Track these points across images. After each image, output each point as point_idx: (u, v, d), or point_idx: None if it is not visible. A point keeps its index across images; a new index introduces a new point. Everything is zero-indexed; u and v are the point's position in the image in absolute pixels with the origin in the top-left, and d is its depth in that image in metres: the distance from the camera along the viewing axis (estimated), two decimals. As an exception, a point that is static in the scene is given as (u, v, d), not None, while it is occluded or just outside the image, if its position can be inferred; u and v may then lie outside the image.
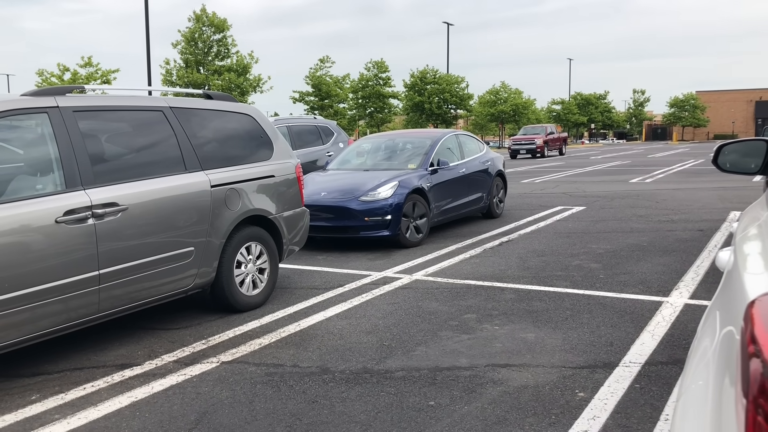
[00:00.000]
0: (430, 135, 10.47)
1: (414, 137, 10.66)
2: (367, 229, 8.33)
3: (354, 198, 8.40)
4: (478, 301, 5.80)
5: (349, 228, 8.38)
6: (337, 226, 8.42)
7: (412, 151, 9.95)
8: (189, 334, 5.12)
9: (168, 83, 36.83)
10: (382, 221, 8.30)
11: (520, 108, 62.35)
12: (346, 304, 5.78)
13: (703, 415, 1.20)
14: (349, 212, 8.31)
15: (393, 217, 8.33)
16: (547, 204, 12.87)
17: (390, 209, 8.32)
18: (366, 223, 8.30)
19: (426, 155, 9.57)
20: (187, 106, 5.49)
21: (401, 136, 11.12)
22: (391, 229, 8.35)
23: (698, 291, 5.89)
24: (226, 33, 37.64)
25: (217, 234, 5.34)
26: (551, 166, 26.81)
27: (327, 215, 8.43)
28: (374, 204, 8.32)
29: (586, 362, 4.24)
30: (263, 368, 4.31)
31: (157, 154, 5.08)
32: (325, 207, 8.42)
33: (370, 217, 8.29)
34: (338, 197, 8.48)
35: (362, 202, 8.33)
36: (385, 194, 8.42)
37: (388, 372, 4.16)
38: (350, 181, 8.98)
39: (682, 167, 24.18)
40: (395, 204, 8.37)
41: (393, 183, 8.59)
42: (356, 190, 8.53)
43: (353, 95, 50.25)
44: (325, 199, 8.49)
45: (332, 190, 8.72)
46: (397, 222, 8.38)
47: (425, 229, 8.88)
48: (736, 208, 11.24)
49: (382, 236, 8.35)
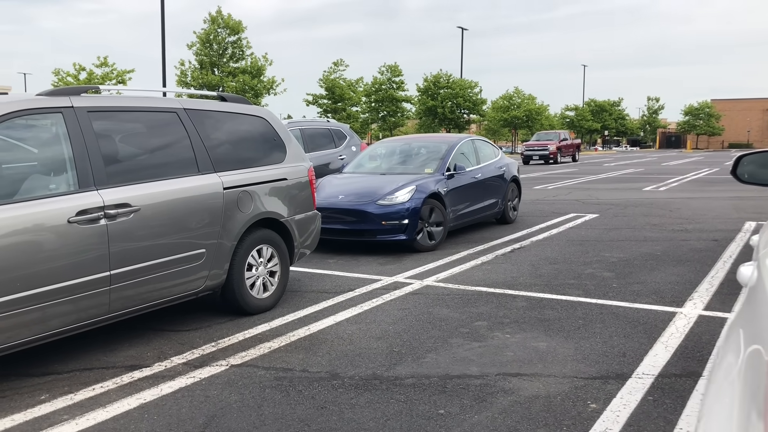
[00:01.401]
0: (447, 140, 10.50)
1: (430, 142, 10.71)
2: (384, 233, 8.34)
3: (371, 201, 8.41)
4: (490, 308, 5.76)
5: (365, 231, 8.39)
6: (354, 230, 8.44)
7: (429, 155, 9.99)
8: (198, 336, 5.11)
9: (183, 84, 37.01)
10: (399, 225, 8.31)
11: (534, 114, 62.19)
12: (356, 309, 5.75)
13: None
14: (367, 216, 8.33)
15: (410, 221, 8.34)
16: (560, 211, 12.79)
17: (407, 213, 8.34)
18: (383, 227, 8.31)
19: (443, 160, 9.60)
20: (201, 107, 5.49)
21: (417, 140, 11.16)
22: (408, 234, 8.36)
23: (713, 302, 5.81)
24: (241, 35, 37.78)
25: (228, 236, 5.34)
26: (564, 173, 26.69)
27: (344, 218, 8.46)
28: (391, 208, 8.34)
29: (599, 373, 4.19)
30: (272, 372, 4.28)
31: (170, 155, 5.08)
32: (342, 210, 8.45)
33: (387, 221, 8.30)
34: (355, 201, 8.50)
35: (380, 206, 8.35)
36: (402, 198, 8.43)
37: (398, 379, 4.13)
38: (367, 184, 8.99)
39: (697, 176, 24.00)
40: (412, 208, 8.38)
41: (410, 187, 8.60)
42: (374, 194, 8.54)
43: (366, 99, 50.27)
44: (342, 203, 8.52)
45: (349, 193, 8.73)
46: (414, 226, 8.40)
47: (442, 234, 8.89)
48: (752, 219, 11.13)
49: (399, 240, 8.36)
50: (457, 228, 9.63)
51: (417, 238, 8.51)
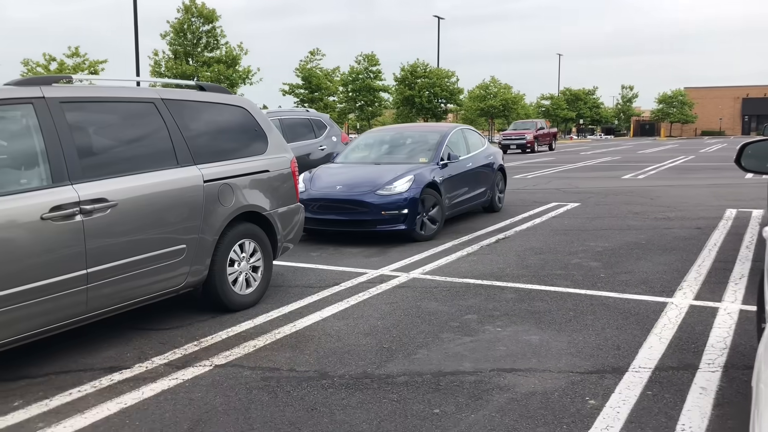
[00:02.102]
0: (438, 129, 10.51)
1: (421, 131, 10.73)
2: (384, 223, 8.29)
3: (371, 191, 8.36)
4: (479, 300, 5.65)
5: (365, 222, 8.34)
6: (353, 220, 8.40)
7: (421, 145, 9.98)
8: (180, 334, 4.93)
9: (156, 74, 36.37)
10: (399, 215, 8.28)
11: (510, 103, 62.26)
12: (342, 304, 5.61)
13: None
14: (367, 206, 8.28)
15: (409, 210, 8.32)
16: (541, 200, 12.74)
17: (406, 203, 8.32)
18: (383, 217, 8.26)
19: (436, 149, 9.60)
20: (180, 97, 5.28)
21: (408, 129, 11.17)
22: (408, 223, 8.33)
23: (702, 292, 5.76)
24: (216, 24, 37.19)
25: (209, 231, 5.15)
26: (542, 162, 26.73)
27: (342, 209, 8.42)
28: (391, 198, 8.31)
29: (594, 367, 4.10)
30: (259, 372, 4.13)
31: (148, 147, 4.88)
32: (340, 200, 8.41)
33: (387, 211, 8.25)
34: (354, 191, 8.45)
35: (379, 196, 8.31)
36: (401, 188, 8.40)
37: (390, 377, 4.00)
38: (364, 174, 8.95)
39: (674, 163, 24.16)
40: (411, 198, 8.37)
41: (409, 177, 8.58)
42: (372, 184, 8.49)
43: (343, 88, 49.88)
44: (340, 193, 8.47)
45: (347, 183, 8.67)
46: (414, 216, 8.39)
47: (439, 222, 8.91)
48: (732, 206, 11.16)
49: (398, 230, 8.33)
50: (450, 217, 9.60)
51: (420, 229, 8.50)
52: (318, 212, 8.53)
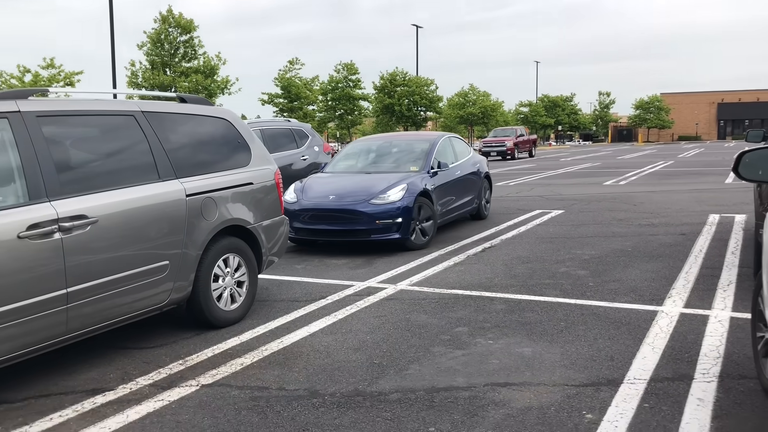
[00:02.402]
0: (426, 137, 10.53)
1: (410, 140, 10.77)
2: (378, 233, 8.28)
3: (364, 201, 8.36)
4: (468, 312, 5.57)
5: (359, 231, 8.33)
6: (347, 230, 8.37)
7: (411, 153, 10.01)
8: (164, 353, 4.79)
9: (133, 85, 36.02)
10: (393, 224, 8.29)
11: (489, 110, 62.52)
12: (330, 318, 5.50)
13: None
14: (361, 215, 8.26)
15: (403, 219, 8.34)
16: (525, 207, 12.72)
17: (400, 212, 8.33)
18: (377, 226, 8.25)
19: (426, 158, 9.62)
20: (160, 110, 5.16)
21: (396, 138, 11.20)
22: (402, 232, 8.34)
23: (692, 299, 5.73)
24: (193, 34, 36.92)
25: (193, 246, 5.03)
26: (523, 169, 26.81)
27: (336, 219, 8.39)
28: (385, 207, 8.30)
29: (589, 379, 4.03)
30: (247, 392, 4.01)
31: (128, 161, 4.75)
32: (334, 210, 8.39)
33: (381, 220, 8.25)
34: (348, 200, 8.42)
35: (373, 205, 8.31)
36: (394, 197, 8.41)
37: (382, 394, 3.90)
38: (357, 184, 8.93)
39: (653, 169, 24.33)
40: (405, 206, 8.38)
41: (402, 185, 8.59)
42: (365, 193, 8.48)
43: (323, 97, 49.78)
44: (333, 203, 8.44)
45: (339, 193, 8.63)
46: (408, 224, 8.39)
47: (432, 231, 8.92)
48: (715, 211, 11.21)
49: (393, 239, 8.33)
50: (441, 225, 9.58)
51: (410, 237, 8.48)
52: (310, 222, 8.49)
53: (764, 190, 5.83)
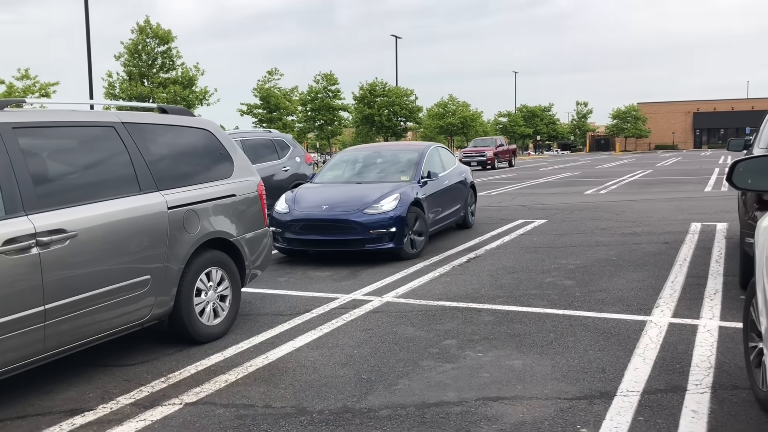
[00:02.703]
0: (415, 147, 10.59)
1: (398, 149, 10.83)
2: (372, 242, 8.28)
3: (358, 211, 8.35)
4: (456, 324, 5.49)
5: (353, 241, 8.32)
6: (341, 240, 8.35)
7: (401, 163, 10.06)
8: (146, 370, 4.66)
9: (111, 96, 35.63)
10: (387, 233, 8.29)
11: (468, 120, 62.84)
12: (315, 332, 5.39)
13: None
14: (355, 225, 8.25)
15: (397, 229, 8.34)
16: (508, 217, 12.71)
17: (394, 221, 8.34)
18: (371, 236, 8.25)
19: (416, 168, 9.67)
20: (141, 121, 5.05)
21: (385, 148, 11.29)
22: (396, 242, 8.35)
23: (679, 309, 5.71)
24: (171, 45, 36.64)
25: (175, 260, 4.91)
26: (504, 178, 26.89)
27: (328, 229, 8.37)
28: (379, 216, 8.31)
29: (582, 392, 3.97)
30: (232, 410, 3.89)
31: (108, 173, 4.63)
32: (327, 220, 8.37)
33: (375, 230, 8.25)
34: (341, 211, 8.41)
35: (366, 215, 8.31)
36: (388, 206, 8.42)
37: (372, 410, 3.80)
38: (349, 194, 8.92)
39: (633, 178, 24.51)
40: (399, 216, 8.40)
41: (395, 195, 8.61)
42: (359, 203, 8.48)
43: (302, 108, 49.64)
44: (327, 213, 8.42)
45: (332, 203, 8.62)
46: (401, 234, 8.41)
47: (424, 240, 8.96)
48: (696, 219, 11.27)
49: (387, 249, 8.33)
50: (430, 234, 9.57)
51: (404, 247, 8.48)
52: (302, 233, 8.48)
53: (749, 198, 5.84)
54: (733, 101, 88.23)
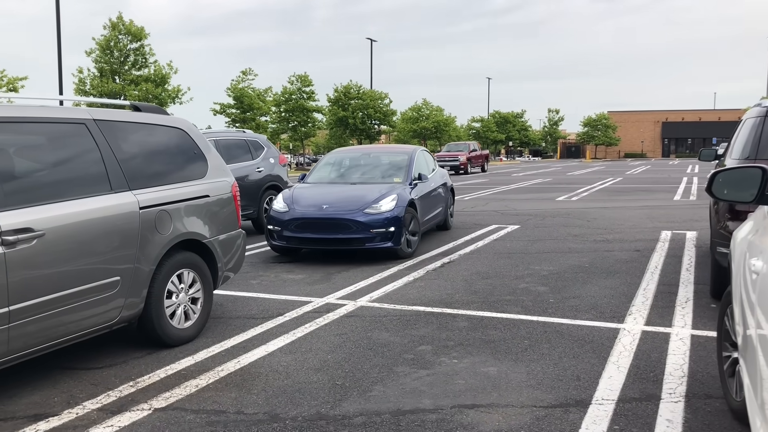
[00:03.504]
0: (402, 150, 10.95)
1: (388, 152, 11.32)
2: (372, 241, 8.50)
3: (359, 210, 8.58)
4: (431, 330, 5.46)
5: (354, 240, 8.52)
6: (342, 239, 8.53)
7: (392, 165, 10.36)
8: (114, 374, 4.54)
9: (81, 92, 35.06)
10: (386, 233, 8.54)
11: (442, 125, 63.03)
12: (288, 336, 5.32)
13: None
14: (357, 224, 8.47)
15: (395, 228, 8.60)
16: (481, 222, 12.74)
17: (393, 221, 8.60)
18: (371, 235, 8.48)
19: (408, 170, 9.97)
20: (113, 118, 4.93)
21: (374, 150, 11.56)
22: (394, 241, 8.60)
23: (652, 317, 5.74)
24: (144, 42, 36.19)
25: (146, 261, 4.79)
26: (476, 183, 27.00)
27: (329, 228, 8.54)
28: (378, 216, 8.55)
29: (557, 400, 3.95)
30: (203, 416, 3.80)
31: (78, 171, 4.50)
32: (329, 219, 8.55)
33: (375, 229, 8.49)
34: (343, 210, 8.60)
35: (367, 215, 8.54)
36: (387, 207, 8.68)
37: (346, 417, 3.74)
38: (347, 194, 9.13)
39: (603, 185, 24.79)
40: (397, 216, 8.66)
41: (392, 196, 8.87)
42: (358, 203, 8.70)
43: (276, 108, 49.36)
44: (328, 212, 8.60)
45: (333, 202, 8.79)
46: (399, 233, 8.65)
47: (417, 240, 9.25)
48: (666, 228, 11.41)
49: (386, 248, 8.56)
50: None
51: (402, 246, 8.73)
52: (302, 231, 8.65)
53: (721, 208, 5.90)
54: (701, 112, 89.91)
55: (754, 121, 6.06)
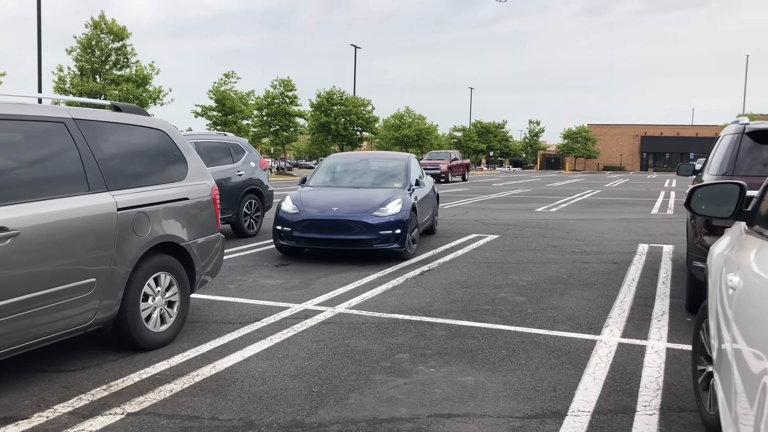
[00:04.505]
0: (397, 157, 11.53)
1: (384, 158, 11.71)
2: (380, 242, 8.96)
3: (367, 212, 9.02)
4: (409, 338, 5.45)
5: (362, 241, 8.95)
6: (351, 239, 8.95)
7: (391, 171, 10.77)
8: (87, 377, 4.47)
9: (61, 91, 34.67)
10: (393, 235, 9.00)
11: (424, 133, 63.28)
12: (265, 342, 5.28)
13: None
14: (365, 226, 8.90)
15: (401, 231, 9.07)
16: (461, 231, 12.77)
17: (399, 224, 9.06)
18: (380, 236, 8.93)
19: (406, 175, 10.44)
20: (93, 118, 4.87)
21: (371, 156, 12.02)
22: (400, 242, 9.09)
23: (628, 329, 5.78)
24: (126, 42, 35.92)
25: (122, 263, 4.73)
26: (457, 192, 27.09)
27: (339, 229, 8.94)
28: (386, 219, 9.01)
29: (533, 411, 3.96)
30: (177, 421, 3.75)
31: (56, 171, 4.44)
32: (341, 221, 8.94)
33: (383, 231, 8.94)
34: (353, 212, 9.02)
35: (376, 217, 9.00)
36: (393, 210, 9.14)
37: (322, 425, 3.71)
38: (354, 197, 9.53)
39: (582, 197, 24.99)
40: (403, 219, 9.13)
41: (398, 200, 9.36)
42: (367, 206, 9.16)
43: (258, 112, 49.21)
44: (339, 214, 9.01)
45: (341, 205, 9.20)
46: (405, 235, 9.12)
47: (417, 242, 9.78)
48: (643, 241, 11.52)
49: (392, 249, 9.05)
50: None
51: (407, 248, 9.23)
52: (313, 232, 9.02)
53: (698, 223, 5.97)
54: (679, 127, 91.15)
55: (732, 138, 6.14)
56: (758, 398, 1.87)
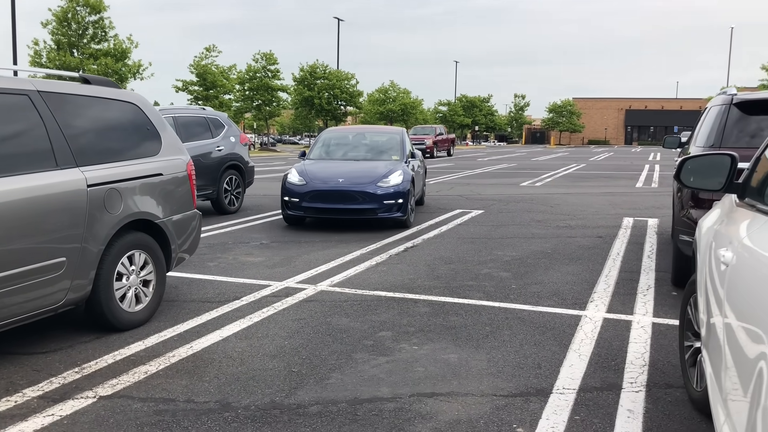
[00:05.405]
0: (391, 130, 11.92)
1: (379, 131, 12.24)
2: (384, 211, 9.53)
3: (372, 183, 9.54)
4: (392, 315, 5.35)
5: (368, 210, 9.49)
6: (357, 209, 9.47)
7: (387, 144, 11.28)
8: (58, 359, 4.32)
9: (37, 65, 33.98)
10: (395, 204, 9.58)
11: (409, 108, 62.92)
12: (245, 321, 5.15)
13: None
14: (370, 196, 9.44)
15: (404, 200, 9.67)
16: (446, 207, 12.66)
17: (402, 194, 9.65)
18: (384, 206, 9.49)
19: (402, 148, 10.96)
20: (60, 90, 4.66)
21: (367, 130, 12.40)
22: (402, 211, 9.70)
23: (613, 304, 5.71)
24: (103, 14, 35.19)
25: (94, 241, 4.57)
26: (442, 167, 26.96)
27: (346, 199, 9.45)
28: (390, 189, 9.58)
29: (518, 389, 3.87)
30: (151, 404, 3.62)
31: (21, 146, 4.25)
32: (348, 192, 9.45)
33: (387, 201, 9.49)
34: (358, 183, 9.53)
35: (380, 187, 9.54)
36: (395, 181, 9.69)
37: (301, 406, 3.60)
38: (357, 169, 10.01)
39: (567, 171, 24.96)
40: (405, 190, 9.70)
41: (399, 171, 9.91)
42: (370, 177, 9.68)
43: (240, 87, 48.62)
44: (346, 185, 9.51)
45: (346, 176, 9.67)
46: (407, 205, 9.71)
47: (414, 213, 10.39)
48: (628, 214, 11.48)
49: (396, 217, 9.66)
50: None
51: (408, 217, 9.87)
52: (320, 202, 9.52)
53: (684, 195, 5.88)
54: (663, 100, 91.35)
55: (719, 110, 6.04)
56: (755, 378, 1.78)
